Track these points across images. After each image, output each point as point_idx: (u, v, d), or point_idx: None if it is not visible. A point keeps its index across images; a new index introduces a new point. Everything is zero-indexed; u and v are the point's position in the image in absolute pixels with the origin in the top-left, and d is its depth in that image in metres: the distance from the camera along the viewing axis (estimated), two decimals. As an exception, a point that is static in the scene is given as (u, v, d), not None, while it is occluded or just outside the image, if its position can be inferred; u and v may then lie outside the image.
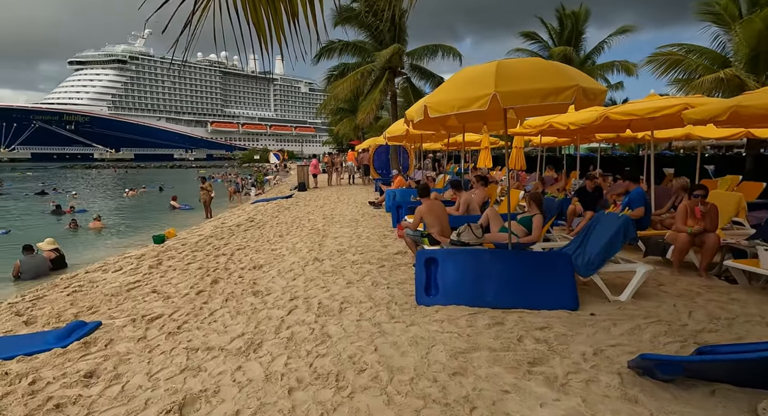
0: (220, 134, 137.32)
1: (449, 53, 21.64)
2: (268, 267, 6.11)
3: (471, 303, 4.22)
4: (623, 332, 3.53)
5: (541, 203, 5.47)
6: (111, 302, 4.89)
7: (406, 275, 5.40)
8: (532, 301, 4.18)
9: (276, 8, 2.03)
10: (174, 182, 37.37)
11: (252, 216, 11.72)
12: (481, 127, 8.61)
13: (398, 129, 10.64)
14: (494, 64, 4.31)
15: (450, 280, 4.45)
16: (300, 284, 5.18)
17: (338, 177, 22.73)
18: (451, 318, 3.92)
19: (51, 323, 4.32)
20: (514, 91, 3.99)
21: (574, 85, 3.89)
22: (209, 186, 15.92)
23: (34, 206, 22.11)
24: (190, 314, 4.30)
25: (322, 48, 21.40)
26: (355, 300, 4.52)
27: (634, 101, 8.03)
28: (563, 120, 8.04)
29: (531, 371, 2.94)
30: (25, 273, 8.43)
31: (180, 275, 5.95)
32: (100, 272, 6.68)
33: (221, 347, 3.49)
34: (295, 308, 4.37)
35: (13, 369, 3.26)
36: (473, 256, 4.61)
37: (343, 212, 11.59)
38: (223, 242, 8.28)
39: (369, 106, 21.01)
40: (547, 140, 13.10)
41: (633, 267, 4.48)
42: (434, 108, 4.43)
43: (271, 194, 19.67)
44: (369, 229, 8.80)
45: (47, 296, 5.54)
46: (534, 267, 4.42)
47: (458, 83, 4.61)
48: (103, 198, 27.09)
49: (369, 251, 6.82)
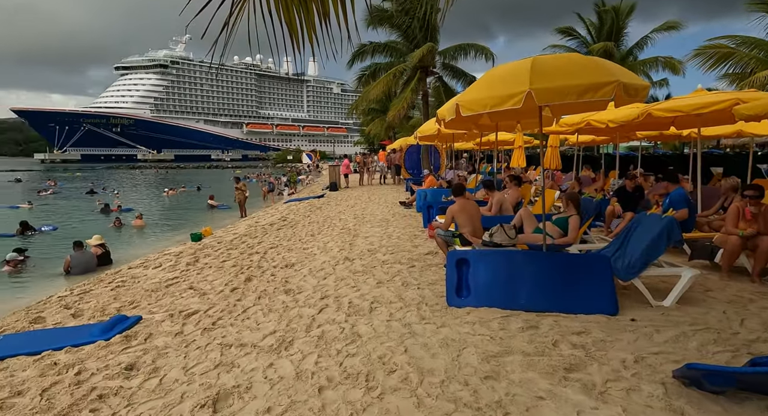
0: (254, 135, 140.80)
1: (482, 53, 21.34)
2: (300, 266, 6.19)
3: (503, 306, 4.12)
4: (667, 339, 3.35)
5: (578, 204, 5.28)
6: (151, 297, 5.08)
7: (436, 276, 5.34)
8: (568, 305, 4.04)
9: (308, 8, 2.04)
10: (211, 182, 38.58)
11: (285, 215, 11.94)
12: (514, 126, 8.41)
13: (430, 128, 10.57)
14: (529, 60, 4.19)
15: (482, 281, 4.36)
16: (330, 283, 5.22)
17: (369, 177, 22.82)
18: (483, 321, 3.84)
19: (96, 316, 4.54)
20: (550, 88, 3.86)
21: (614, 80, 3.73)
22: (243, 186, 16.32)
23: (84, 204, 23.34)
24: (224, 310, 4.41)
25: (355, 52, 21.58)
26: (385, 300, 4.51)
27: (679, 97, 7.63)
28: (602, 118, 7.74)
29: (567, 377, 2.83)
30: (74, 268, 8.89)
31: (215, 272, 6.12)
32: (141, 268, 6.97)
33: (254, 344, 3.55)
34: (326, 307, 4.40)
35: (61, 359, 3.44)
36: (506, 257, 4.50)
37: (374, 211, 11.62)
38: (257, 240, 8.46)
39: (400, 104, 20.99)
40: (584, 138, 12.69)
41: (678, 271, 4.25)
42: (466, 106, 4.34)
43: (304, 194, 19.98)
44: (400, 229, 8.77)
45: (93, 290, 5.83)
46: (570, 269, 4.27)
47: (491, 81, 4.51)
48: (145, 197, 28.28)
49: (399, 251, 6.80)
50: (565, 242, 5.23)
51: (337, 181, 19.42)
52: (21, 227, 13.70)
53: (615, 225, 7.14)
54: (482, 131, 9.16)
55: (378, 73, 22.00)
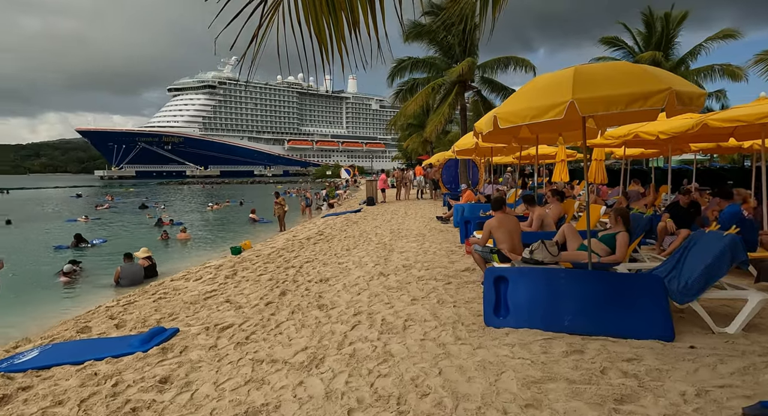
0: (295, 151, 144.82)
1: (522, 65, 20.98)
2: (334, 281, 6.15)
3: (545, 327, 3.88)
4: (734, 371, 3.00)
5: (627, 220, 4.96)
6: (189, 309, 5.18)
7: (473, 293, 5.14)
8: (616, 328, 3.75)
9: (338, 17, 2.01)
10: (253, 197, 39.87)
11: (321, 230, 12.03)
12: (556, 138, 8.11)
13: (467, 142, 10.39)
14: (572, 69, 4.00)
15: (522, 301, 4.13)
16: (364, 299, 5.13)
17: (407, 192, 22.76)
18: (523, 343, 3.62)
19: (137, 327, 4.65)
20: (594, 98, 3.64)
21: (666, 88, 3.47)
22: (282, 201, 16.67)
23: (135, 218, 24.63)
24: (258, 324, 4.41)
25: (394, 67, 21.79)
26: (419, 318, 4.36)
27: (738, 106, 7.12)
28: (651, 129, 7.31)
29: (618, 409, 2.58)
30: (123, 279, 9.29)
31: (252, 285, 6.18)
32: (182, 280, 7.16)
33: (285, 360, 3.50)
34: (359, 323, 4.31)
35: (101, 370, 3.52)
36: (548, 275, 4.25)
37: (410, 226, 11.49)
38: (294, 254, 8.53)
39: (437, 119, 20.90)
40: (632, 151, 12.08)
41: (744, 294, 3.86)
42: (505, 118, 4.19)
43: (341, 209, 20.15)
44: (436, 244, 8.60)
45: (137, 301, 6.02)
46: (619, 290, 3.97)
47: (532, 91, 4.33)
48: (190, 211, 29.49)
49: (435, 266, 6.63)
50: (613, 260, 4.91)
51: (374, 196, 19.47)
52: (75, 240, 14.60)
53: (668, 243, 6.67)
54: (522, 144, 8.89)
55: (416, 89, 22.05)
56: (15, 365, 3.76)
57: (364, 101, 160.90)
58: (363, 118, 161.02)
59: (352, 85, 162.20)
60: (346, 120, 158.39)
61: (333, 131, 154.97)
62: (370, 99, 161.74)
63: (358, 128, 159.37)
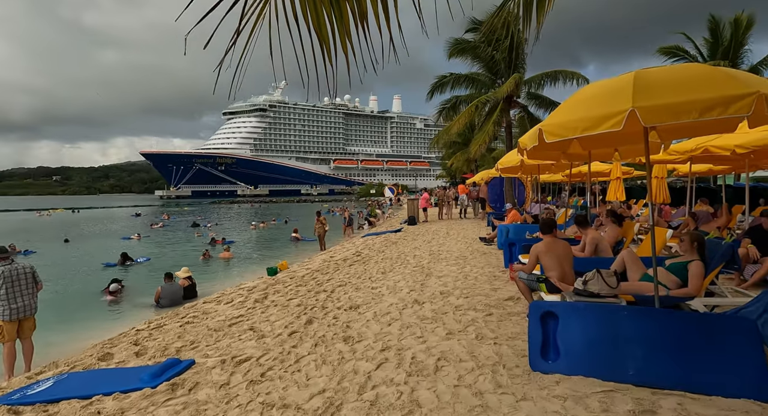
0: (341, 170, 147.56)
1: (571, 78, 20.07)
2: (365, 308, 5.73)
3: (605, 376, 3.25)
4: None
5: (703, 246, 4.23)
6: (211, 337, 4.94)
7: (518, 328, 4.54)
8: (697, 381, 3.06)
9: (341, 9, 1.67)
10: (298, 216, 40.58)
11: (359, 250, 11.71)
12: (611, 154, 7.36)
13: (512, 160, 9.78)
14: (631, 74, 3.45)
15: (575, 342, 3.52)
16: (395, 332, 4.66)
17: (449, 210, 22.13)
18: (578, 396, 3.02)
19: (156, 356, 4.46)
20: (661, 106, 3.06)
21: (753, 92, 2.84)
22: (324, 220, 16.61)
23: (186, 236, 25.56)
24: (276, 358, 4.06)
25: (434, 84, 21.51)
26: (454, 357, 3.84)
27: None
28: (726, 143, 6.42)
29: None
30: (163, 299, 9.34)
31: (279, 311, 5.89)
32: (214, 303, 7.01)
33: (298, 405, 3.10)
34: (385, 361, 3.85)
35: (106, 407, 3.31)
36: (607, 313, 3.62)
37: (451, 248, 10.92)
38: (327, 277, 8.23)
39: (482, 138, 20.28)
40: (699, 167, 10.93)
41: None
42: (551, 132, 3.67)
43: (382, 228, 19.82)
44: (477, 268, 8.00)
45: (165, 325, 5.89)
46: (699, 333, 3.28)
47: (583, 101, 3.80)
48: (237, 230, 30.28)
49: (476, 294, 6.06)
50: (685, 294, 4.18)
51: (415, 215, 19.02)
52: (122, 258, 15.15)
53: (750, 273, 5.75)
54: (572, 160, 8.18)
55: (459, 106, 21.61)
56: (27, 396, 3.65)
57: (408, 120, 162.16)
58: (407, 137, 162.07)
59: (396, 104, 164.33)
60: (391, 139, 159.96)
61: (378, 150, 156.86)
62: (415, 118, 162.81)
63: (402, 147, 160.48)
